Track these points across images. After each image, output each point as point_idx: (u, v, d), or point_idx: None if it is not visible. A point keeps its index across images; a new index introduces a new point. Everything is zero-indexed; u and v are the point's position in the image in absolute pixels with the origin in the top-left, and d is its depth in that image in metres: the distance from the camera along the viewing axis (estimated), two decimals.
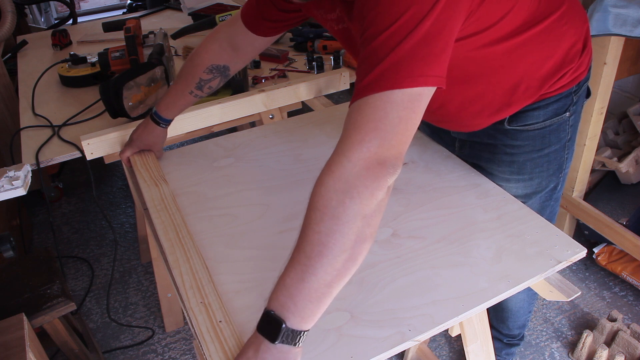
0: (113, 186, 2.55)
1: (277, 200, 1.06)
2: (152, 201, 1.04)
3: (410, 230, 0.97)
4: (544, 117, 1.00)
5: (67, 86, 1.64)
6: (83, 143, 1.20)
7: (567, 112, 1.01)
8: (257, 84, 1.56)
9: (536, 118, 1.00)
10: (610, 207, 2.21)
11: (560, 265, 0.88)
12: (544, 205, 1.15)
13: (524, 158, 1.03)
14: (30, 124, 1.41)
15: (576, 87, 1.00)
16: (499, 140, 1.05)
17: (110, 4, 5.10)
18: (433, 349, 1.68)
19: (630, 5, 1.37)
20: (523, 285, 0.85)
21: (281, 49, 1.77)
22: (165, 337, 1.76)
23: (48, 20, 4.18)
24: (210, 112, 1.36)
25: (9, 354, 0.99)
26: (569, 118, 1.02)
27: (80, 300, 1.91)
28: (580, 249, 0.90)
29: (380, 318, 0.79)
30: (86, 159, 1.24)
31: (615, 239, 1.76)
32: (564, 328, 1.74)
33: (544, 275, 0.87)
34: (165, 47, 1.55)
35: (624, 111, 2.24)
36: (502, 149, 1.06)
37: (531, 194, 1.11)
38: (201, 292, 0.83)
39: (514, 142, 1.04)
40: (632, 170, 2.14)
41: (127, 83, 1.27)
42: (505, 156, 1.07)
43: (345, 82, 1.55)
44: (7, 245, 1.12)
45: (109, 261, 2.08)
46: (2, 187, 1.06)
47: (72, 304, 1.30)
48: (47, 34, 2.10)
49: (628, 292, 1.85)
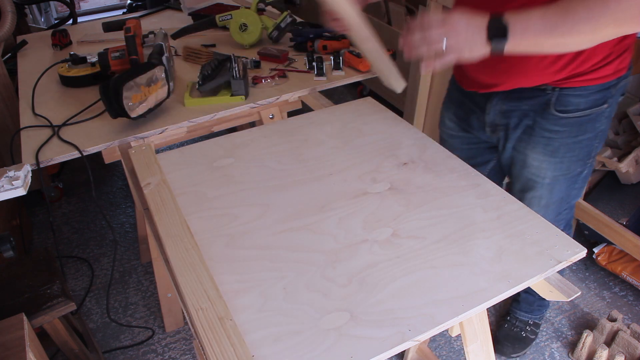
0: (113, 186, 2.55)
1: (277, 200, 1.06)
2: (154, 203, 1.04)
3: (410, 230, 0.97)
4: (584, 106, 1.08)
5: (67, 86, 1.64)
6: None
7: (605, 104, 1.10)
8: (257, 84, 1.56)
9: (577, 105, 1.08)
10: (610, 207, 2.21)
11: (560, 265, 0.88)
12: (570, 189, 1.24)
13: (560, 143, 1.08)
14: (30, 124, 1.41)
15: (616, 81, 1.08)
16: (538, 123, 1.14)
17: (110, 4, 5.10)
18: (433, 349, 1.69)
19: None
20: (523, 285, 0.85)
21: (281, 49, 1.77)
22: (165, 337, 1.76)
23: (48, 20, 4.18)
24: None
25: (9, 354, 0.99)
26: (606, 110, 1.11)
27: (80, 300, 1.91)
28: (580, 249, 0.90)
29: (380, 318, 0.79)
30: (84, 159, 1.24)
31: (615, 239, 1.76)
32: (564, 328, 1.74)
33: (544, 275, 0.87)
34: (165, 47, 1.55)
35: (624, 111, 2.24)
36: (540, 133, 1.14)
37: (559, 176, 1.20)
38: (201, 292, 0.83)
39: (554, 127, 1.12)
40: (632, 170, 2.14)
41: (127, 83, 1.27)
42: (542, 139, 1.15)
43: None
44: (7, 245, 1.12)
45: (109, 261, 2.08)
46: (2, 187, 1.06)
47: (72, 304, 1.30)
48: (47, 34, 2.09)
49: (628, 292, 1.85)
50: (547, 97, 1.11)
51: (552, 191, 1.24)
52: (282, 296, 0.84)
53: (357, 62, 1.62)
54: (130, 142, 1.32)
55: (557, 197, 1.25)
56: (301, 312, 0.81)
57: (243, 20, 1.81)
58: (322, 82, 1.57)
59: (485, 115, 1.22)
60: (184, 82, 1.60)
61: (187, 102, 1.46)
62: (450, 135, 1.39)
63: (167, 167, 1.18)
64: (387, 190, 1.08)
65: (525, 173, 1.24)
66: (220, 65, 1.54)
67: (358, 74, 1.62)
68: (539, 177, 1.22)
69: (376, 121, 1.34)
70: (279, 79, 1.59)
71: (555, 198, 1.25)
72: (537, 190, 1.25)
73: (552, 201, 1.26)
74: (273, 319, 0.80)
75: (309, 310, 0.81)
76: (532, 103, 1.14)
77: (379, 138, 1.26)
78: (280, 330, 0.78)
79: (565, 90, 1.09)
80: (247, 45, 1.85)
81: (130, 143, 1.32)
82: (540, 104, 1.12)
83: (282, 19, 1.81)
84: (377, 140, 1.26)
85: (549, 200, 1.26)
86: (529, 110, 1.15)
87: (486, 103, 1.21)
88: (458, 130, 1.35)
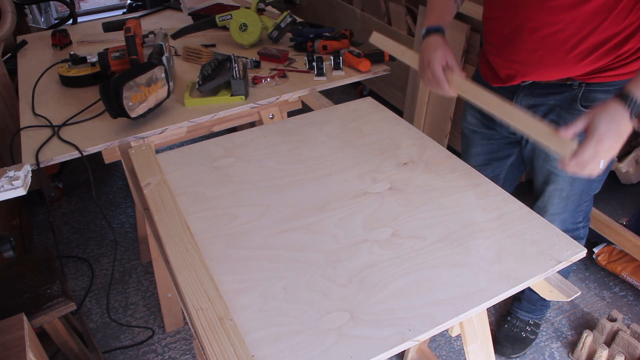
0: (113, 186, 2.55)
1: (277, 200, 1.06)
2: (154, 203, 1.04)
3: (410, 230, 0.97)
4: None
5: (67, 86, 1.64)
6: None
7: None
8: (257, 84, 1.56)
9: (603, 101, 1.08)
10: (610, 207, 2.21)
11: (560, 265, 0.88)
12: (590, 181, 1.24)
13: (583, 137, 1.07)
14: (30, 124, 1.41)
15: None
16: (562, 118, 1.15)
17: (110, 4, 5.10)
18: (433, 349, 1.69)
19: None
20: (523, 285, 0.85)
21: (281, 49, 1.77)
22: (165, 337, 1.76)
23: (48, 20, 4.18)
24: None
25: (9, 354, 0.99)
26: None
27: (80, 300, 1.91)
28: (580, 249, 0.90)
29: (380, 318, 0.79)
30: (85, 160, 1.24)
31: (615, 239, 1.76)
32: (564, 328, 1.74)
33: (544, 275, 0.87)
34: (165, 47, 1.55)
35: None
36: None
37: None
38: (201, 292, 0.83)
39: None
40: (632, 170, 2.14)
41: (127, 83, 1.27)
42: None
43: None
44: (7, 245, 1.12)
45: (109, 261, 2.08)
46: (2, 187, 1.06)
47: (72, 304, 1.30)
48: (47, 34, 2.10)
49: (628, 292, 1.85)
50: (574, 93, 1.12)
51: (573, 184, 1.25)
52: (282, 296, 0.84)
53: (357, 62, 1.62)
54: (130, 142, 1.32)
55: (578, 189, 1.27)
56: (301, 312, 0.81)
57: (243, 20, 1.81)
58: (322, 82, 1.57)
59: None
60: (184, 82, 1.60)
61: (187, 102, 1.46)
62: (471, 131, 1.40)
63: (167, 167, 1.18)
64: (387, 190, 1.08)
65: (547, 166, 1.25)
66: (220, 65, 1.54)
67: (358, 74, 1.62)
68: (561, 170, 1.22)
69: (376, 121, 1.34)
70: (279, 79, 1.59)
71: (576, 190, 1.27)
72: (558, 182, 1.26)
73: (573, 193, 1.27)
74: (273, 319, 0.80)
75: (309, 310, 0.81)
76: (559, 98, 1.15)
77: (379, 138, 1.26)
78: (281, 330, 0.78)
79: (592, 85, 1.09)
80: (247, 45, 1.85)
81: (130, 143, 1.32)
82: (567, 99, 1.13)
83: (282, 19, 1.81)
84: (377, 140, 1.26)
85: (570, 192, 1.27)
86: (555, 105, 1.16)
87: (512, 98, 1.21)
88: (480, 126, 1.36)
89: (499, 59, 1.18)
